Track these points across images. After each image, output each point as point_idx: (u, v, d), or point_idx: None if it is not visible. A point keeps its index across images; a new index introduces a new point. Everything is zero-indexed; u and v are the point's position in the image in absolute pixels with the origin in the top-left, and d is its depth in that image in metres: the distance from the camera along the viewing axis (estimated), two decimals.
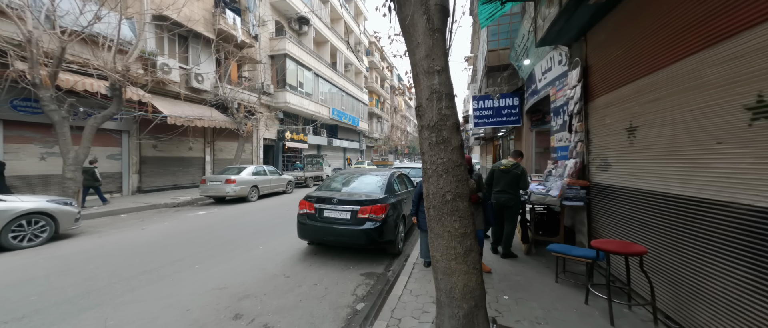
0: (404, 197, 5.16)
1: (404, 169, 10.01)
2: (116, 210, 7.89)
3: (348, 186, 4.84)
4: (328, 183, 5.01)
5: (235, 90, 13.14)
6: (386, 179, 4.84)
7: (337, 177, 5.21)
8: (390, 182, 4.82)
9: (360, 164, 25.25)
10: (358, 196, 4.30)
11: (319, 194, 4.39)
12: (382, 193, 4.45)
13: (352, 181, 5.01)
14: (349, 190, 4.67)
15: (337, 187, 4.85)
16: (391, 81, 43.68)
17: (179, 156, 12.46)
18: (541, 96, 5.89)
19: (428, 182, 1.90)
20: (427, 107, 1.90)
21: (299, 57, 19.41)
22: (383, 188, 4.58)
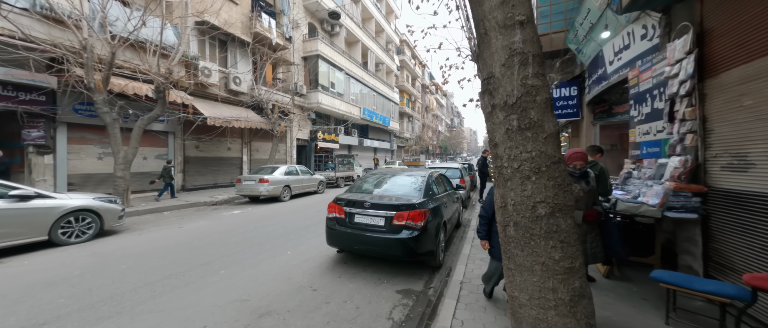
0: (445, 201, 4.52)
1: (440, 169, 9.30)
2: (160, 207, 8.23)
3: (381, 188, 4.32)
4: (358, 184, 4.54)
5: (269, 91, 13.39)
6: (424, 181, 4.24)
7: (368, 178, 4.73)
8: (428, 184, 4.22)
9: (390, 164, 24.79)
10: (393, 199, 3.76)
11: (350, 197, 3.93)
12: (421, 196, 3.87)
13: (386, 182, 4.48)
14: (383, 192, 4.15)
15: (368, 189, 4.36)
16: (423, 79, 42.70)
17: (219, 156, 12.97)
18: (613, 82, 4.87)
19: (505, 187, 1.30)
20: (504, 77, 1.29)
21: (331, 57, 19.48)
22: (421, 191, 3.99)
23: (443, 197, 4.58)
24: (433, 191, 4.29)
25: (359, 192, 4.23)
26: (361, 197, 3.93)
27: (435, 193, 4.31)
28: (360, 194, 4.14)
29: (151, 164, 10.38)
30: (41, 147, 7.72)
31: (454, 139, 65.88)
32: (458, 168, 8.94)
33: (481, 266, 3.78)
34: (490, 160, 14.17)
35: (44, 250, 4.58)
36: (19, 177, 7.80)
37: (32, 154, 7.62)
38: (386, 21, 30.37)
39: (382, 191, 4.19)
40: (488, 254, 2.77)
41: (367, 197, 3.89)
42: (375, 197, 3.89)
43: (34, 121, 7.48)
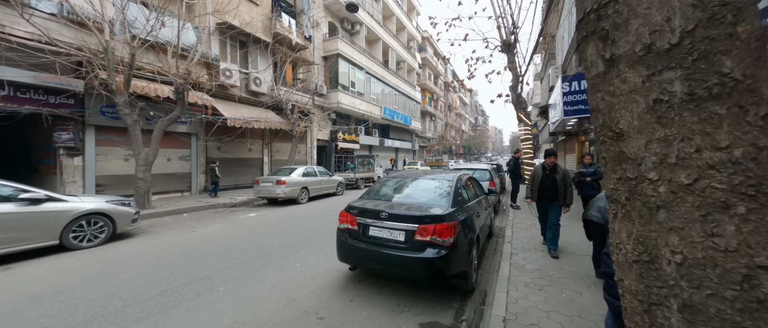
0: (476, 210, 3.81)
1: (466, 170, 8.49)
2: (180, 209, 8.19)
3: (401, 194, 3.70)
4: (376, 188, 3.95)
5: (289, 91, 13.25)
6: (451, 185, 3.57)
7: (387, 181, 4.12)
8: (457, 189, 3.54)
9: (412, 165, 24.03)
10: (416, 209, 3.13)
11: (364, 205, 3.34)
12: (448, 205, 3.20)
13: (407, 187, 3.86)
14: (403, 200, 3.53)
15: (387, 194, 3.76)
16: (445, 77, 41.42)
17: (240, 157, 13.01)
18: None
19: (653, 223, 0.62)
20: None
21: (351, 56, 19.16)
22: (449, 198, 3.32)
23: (474, 205, 3.87)
24: (464, 198, 3.60)
25: (375, 198, 3.64)
26: (376, 205, 3.33)
27: (465, 200, 3.62)
28: (376, 200, 3.54)
29: (175, 166, 10.53)
30: (71, 149, 7.95)
31: (479, 139, 63.55)
32: (487, 169, 8.08)
33: (526, 295, 3.04)
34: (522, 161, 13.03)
35: (55, 255, 4.47)
36: (52, 178, 8.10)
37: (63, 157, 7.86)
38: (407, 18, 29.66)
39: (402, 198, 3.56)
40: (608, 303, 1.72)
41: (384, 206, 3.28)
42: (394, 206, 3.28)
43: (63, 124, 7.71)
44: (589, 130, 9.65)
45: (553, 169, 4.38)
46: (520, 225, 6.11)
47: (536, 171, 4.51)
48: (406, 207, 3.21)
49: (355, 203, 3.47)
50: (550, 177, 4.34)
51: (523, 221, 6.44)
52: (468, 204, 3.63)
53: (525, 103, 9.43)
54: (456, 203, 3.28)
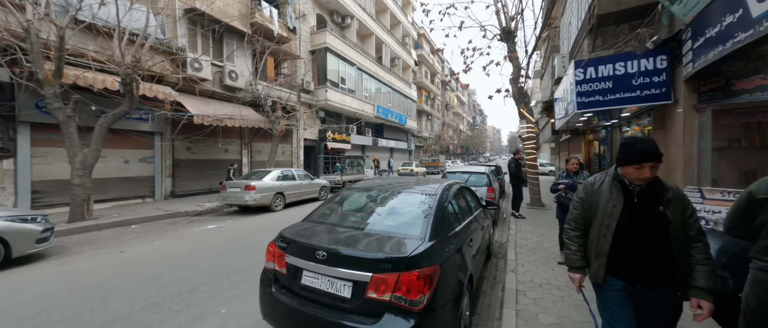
0: (469, 239, 2.73)
1: (460, 174, 7.41)
2: (128, 220, 7.04)
3: (360, 216, 2.61)
4: (327, 207, 2.84)
5: (268, 86, 12.10)
6: (433, 204, 2.47)
7: (350, 195, 3.02)
8: (441, 210, 2.43)
9: (407, 166, 22.94)
10: (373, 245, 2.02)
11: (297, 236, 2.23)
12: (425, 236, 2.10)
13: (371, 204, 2.77)
14: (360, 226, 2.41)
15: (341, 216, 2.67)
16: (443, 75, 40.38)
17: (214, 158, 11.86)
18: (762, 33, 2.81)
19: None
20: None
21: (341, 51, 18.03)
22: (427, 225, 2.21)
23: (466, 228, 2.78)
24: (450, 221, 2.50)
25: (321, 223, 2.52)
26: (317, 235, 2.22)
27: (452, 224, 2.52)
28: (321, 226, 2.43)
29: (135, 169, 9.37)
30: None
31: (477, 139, 62.63)
32: (485, 173, 6.99)
33: None
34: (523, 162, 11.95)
35: None
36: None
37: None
38: (402, 13, 28.56)
39: (359, 224, 2.45)
40: None
41: (328, 238, 2.17)
42: (341, 239, 2.16)
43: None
44: (600, 127, 8.58)
45: (651, 191, 1.56)
46: (525, 242, 5.02)
47: (601, 195, 1.71)
48: (360, 240, 2.10)
49: (288, 231, 2.35)
50: (646, 212, 1.54)
51: (529, 237, 5.35)
52: (456, 229, 2.54)
53: (527, 97, 8.35)
54: (437, 233, 2.17)
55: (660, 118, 4.98)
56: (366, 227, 2.35)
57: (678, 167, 4.54)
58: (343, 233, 2.27)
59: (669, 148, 4.79)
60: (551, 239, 5.13)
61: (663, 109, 4.92)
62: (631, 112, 5.75)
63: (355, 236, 2.18)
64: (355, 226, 2.39)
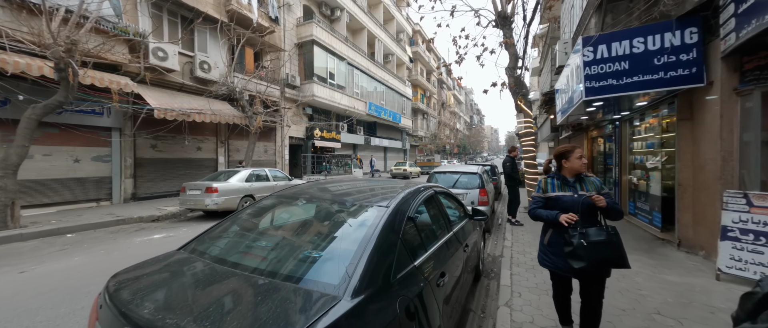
0: (443, 268, 1.82)
1: (449, 175, 6.51)
2: (66, 228, 6.07)
3: (264, 244, 1.69)
4: (230, 224, 1.92)
5: (244, 79, 11.13)
6: (377, 226, 1.54)
7: (264, 208, 2.10)
8: (386, 237, 1.49)
9: (400, 165, 22.01)
10: (246, 314, 1.09)
11: (132, 289, 1.30)
12: (347, 290, 1.17)
13: (291, 224, 1.88)
14: (253, 263, 1.48)
15: (233, 246, 1.75)
16: (438, 73, 39.52)
17: (186, 157, 10.88)
18: None
19: None
20: None
21: (329, 44, 17.09)
22: (356, 266, 1.29)
23: (437, 259, 1.87)
24: (404, 255, 1.57)
25: (201, 256, 1.59)
26: (157, 295, 1.28)
27: (408, 258, 1.59)
28: (191, 266, 1.50)
29: (87, 168, 8.37)
30: None
31: (474, 138, 61.90)
32: (476, 173, 6.09)
33: None
34: (519, 160, 11.06)
35: None
36: None
37: None
38: (396, 7, 27.67)
39: (253, 257, 1.54)
40: None
41: (177, 296, 1.24)
42: (196, 302, 1.22)
43: None
44: (605, 122, 7.72)
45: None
46: (523, 258, 4.12)
47: None
48: (236, 297, 1.18)
49: (127, 275, 1.42)
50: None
51: (527, 250, 4.45)
52: (418, 262, 1.63)
53: (525, 87, 7.47)
54: (372, 280, 1.26)
55: (686, 107, 4.11)
56: (259, 267, 1.41)
57: (711, 165, 3.66)
58: (215, 280, 1.33)
59: (699, 142, 3.91)
60: None
61: (690, 95, 4.04)
62: (647, 101, 4.87)
63: (229, 289, 1.25)
64: (244, 263, 1.46)
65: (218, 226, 1.90)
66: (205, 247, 1.67)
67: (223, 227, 1.89)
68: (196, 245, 1.71)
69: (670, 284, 3.15)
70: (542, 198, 2.12)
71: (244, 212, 2.04)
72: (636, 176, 6.03)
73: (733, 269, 3.13)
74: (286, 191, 2.26)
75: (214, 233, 1.82)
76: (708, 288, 3.03)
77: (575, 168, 2.05)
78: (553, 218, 1.98)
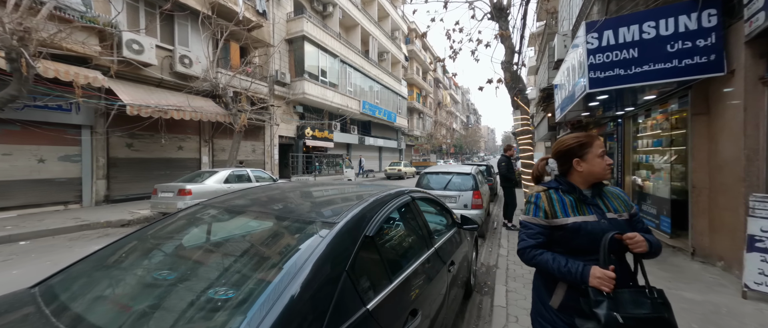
0: (413, 306, 1.34)
1: (440, 176, 6.05)
2: (22, 234, 5.52)
3: (159, 280, 1.20)
4: (124, 247, 1.44)
5: (227, 74, 10.58)
6: (310, 258, 1.06)
7: (174, 225, 1.63)
8: (309, 286, 0.99)
9: (395, 165, 21.54)
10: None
11: None
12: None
13: (205, 247, 1.40)
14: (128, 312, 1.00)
15: (111, 284, 1.27)
16: (434, 70, 39.13)
17: (165, 157, 10.31)
18: None
19: None
20: None
21: (321, 40, 16.57)
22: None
23: (401, 295, 1.39)
24: (350, 298, 1.09)
25: (62, 294, 1.11)
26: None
27: (355, 306, 1.10)
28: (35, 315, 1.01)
29: (53, 169, 7.79)
30: None
31: (471, 138, 61.66)
32: (470, 174, 5.63)
33: None
34: (516, 160, 10.63)
35: None
36: None
37: None
38: (391, 5, 27.19)
39: (132, 298, 1.05)
40: None
41: None
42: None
43: None
44: (605, 119, 7.30)
45: None
46: (520, 270, 3.66)
47: None
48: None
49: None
50: None
51: None
52: (372, 305, 1.14)
53: (522, 82, 7.04)
54: None
55: (702, 100, 3.68)
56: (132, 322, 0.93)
57: (733, 165, 3.22)
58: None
59: (716, 140, 3.48)
60: None
61: (706, 87, 3.61)
62: (655, 95, 4.45)
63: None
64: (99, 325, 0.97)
65: (99, 253, 1.42)
66: (63, 287, 1.18)
67: (103, 253, 1.40)
68: (57, 282, 1.23)
69: (691, 303, 2.71)
70: (544, 227, 1.22)
71: (148, 230, 1.55)
72: (641, 177, 5.62)
73: (762, 286, 2.69)
74: (215, 200, 1.78)
75: (84, 266, 1.33)
76: (736, 309, 2.59)
77: (596, 173, 1.22)
78: (577, 278, 1.09)
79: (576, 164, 1.24)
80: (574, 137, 1.27)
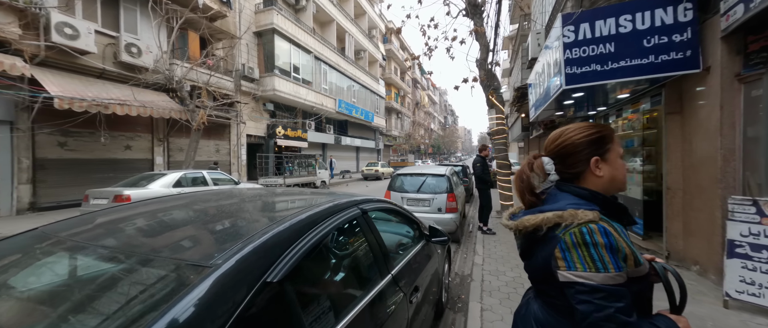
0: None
1: (414, 177, 5.68)
2: None
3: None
4: None
5: (184, 66, 9.59)
6: None
7: (35, 250, 1.05)
8: None
9: (372, 166, 21.10)
10: None
11: None
12: None
13: (68, 281, 0.81)
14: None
15: None
16: (410, 68, 39.16)
17: (109, 158, 9.13)
18: None
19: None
20: None
21: (293, 35, 15.74)
22: None
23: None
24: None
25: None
26: None
27: None
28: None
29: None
30: None
31: (448, 138, 62.66)
32: (444, 175, 5.30)
33: None
34: (490, 161, 10.55)
35: None
36: None
37: None
38: (368, 2, 26.71)
39: None
40: None
41: None
42: None
43: None
44: (577, 120, 7.29)
45: None
46: (496, 281, 3.35)
47: None
48: None
49: None
50: None
51: (501, 268, 3.70)
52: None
53: (497, 80, 6.86)
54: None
55: (675, 99, 3.58)
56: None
57: (708, 166, 3.10)
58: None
59: (691, 139, 3.37)
60: None
61: (680, 85, 3.51)
62: (628, 93, 4.35)
63: None
64: None
65: None
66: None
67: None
68: None
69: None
70: (626, 283, 0.72)
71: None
72: None
73: (744, 294, 2.54)
74: (62, 224, 1.23)
75: None
76: (722, 322, 2.40)
77: (619, 182, 0.87)
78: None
79: (594, 167, 0.84)
80: (587, 127, 0.87)
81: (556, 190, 0.88)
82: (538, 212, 0.80)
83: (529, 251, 0.87)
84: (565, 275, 0.73)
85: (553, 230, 0.77)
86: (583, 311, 0.69)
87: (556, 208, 0.79)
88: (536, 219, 0.78)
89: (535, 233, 0.80)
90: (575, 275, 0.71)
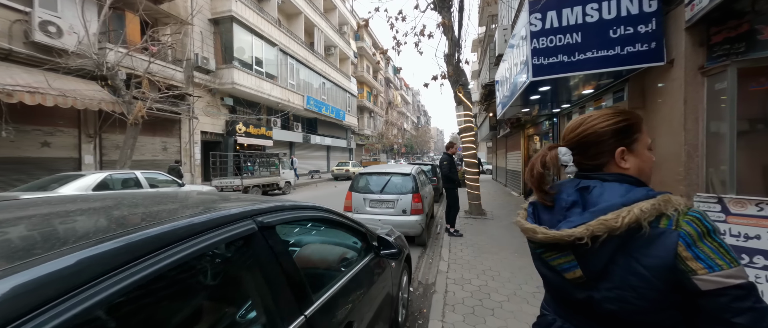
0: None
1: (378, 176, 5.26)
2: None
3: None
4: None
5: (118, 50, 8.31)
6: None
7: None
8: None
9: (342, 165, 20.43)
10: None
11: None
12: None
13: None
14: None
15: None
16: (386, 72, 38.99)
17: (18, 156, 7.65)
18: None
19: None
20: None
21: (255, 25, 14.63)
22: None
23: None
24: None
25: None
26: None
27: None
28: None
29: None
30: None
31: (421, 138, 63.43)
32: (410, 174, 4.93)
33: None
34: (459, 159, 10.46)
35: None
36: None
37: None
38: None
39: None
40: None
41: None
42: None
43: None
44: (541, 118, 7.35)
45: None
46: (462, 291, 3.00)
47: None
48: None
49: None
50: None
51: (467, 275, 3.37)
52: None
53: (464, 76, 6.66)
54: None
55: (638, 93, 3.50)
56: None
57: (673, 162, 3.01)
58: None
59: (656, 135, 3.29)
60: (501, 278, 3.22)
61: (643, 79, 3.43)
62: (593, 89, 4.28)
63: None
64: None
65: None
66: None
67: None
68: None
69: None
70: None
71: None
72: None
73: None
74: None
75: None
76: None
77: (647, 174, 0.75)
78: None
79: (619, 158, 0.72)
80: (613, 114, 0.74)
81: (590, 181, 0.71)
82: (605, 209, 0.62)
83: (600, 265, 0.63)
84: (710, 279, 0.54)
85: (654, 224, 0.59)
86: (744, 324, 0.53)
87: (633, 198, 0.61)
88: (629, 215, 0.58)
89: (625, 235, 0.59)
90: (725, 277, 0.54)
